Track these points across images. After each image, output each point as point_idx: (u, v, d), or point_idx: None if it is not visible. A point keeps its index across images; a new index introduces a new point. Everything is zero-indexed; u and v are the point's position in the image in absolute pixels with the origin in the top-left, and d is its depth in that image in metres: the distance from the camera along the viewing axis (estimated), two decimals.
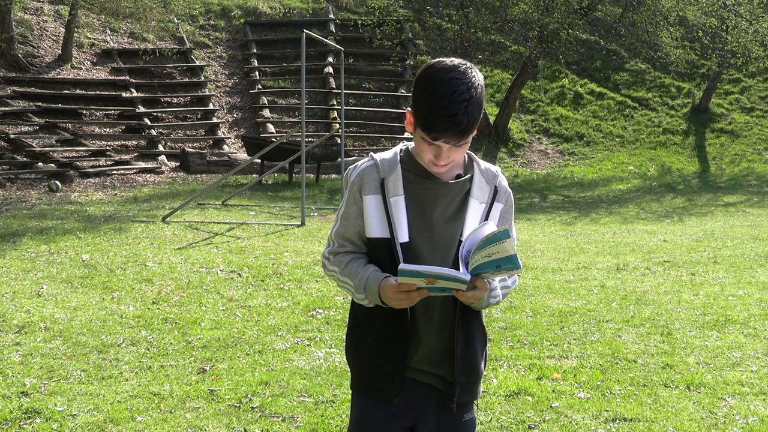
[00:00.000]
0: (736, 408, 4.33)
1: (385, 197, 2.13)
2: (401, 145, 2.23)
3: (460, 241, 2.13)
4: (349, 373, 4.73)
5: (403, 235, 2.12)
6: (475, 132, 2.08)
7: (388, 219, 2.12)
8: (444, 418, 2.22)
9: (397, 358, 2.16)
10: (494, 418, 4.17)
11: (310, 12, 23.33)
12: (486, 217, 2.19)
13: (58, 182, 14.34)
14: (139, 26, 20.53)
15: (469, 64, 2.07)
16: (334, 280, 2.24)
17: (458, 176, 2.18)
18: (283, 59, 21.88)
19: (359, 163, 2.21)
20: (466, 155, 2.22)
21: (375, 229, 2.14)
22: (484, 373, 2.33)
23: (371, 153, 2.24)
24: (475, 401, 2.30)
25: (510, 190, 2.29)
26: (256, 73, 20.87)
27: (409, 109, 2.12)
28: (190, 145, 18.37)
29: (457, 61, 2.07)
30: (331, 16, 23.06)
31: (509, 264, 1.98)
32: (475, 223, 2.16)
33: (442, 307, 2.16)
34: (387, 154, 2.19)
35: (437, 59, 2.09)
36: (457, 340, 2.17)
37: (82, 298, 6.54)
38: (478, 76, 2.05)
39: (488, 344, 2.40)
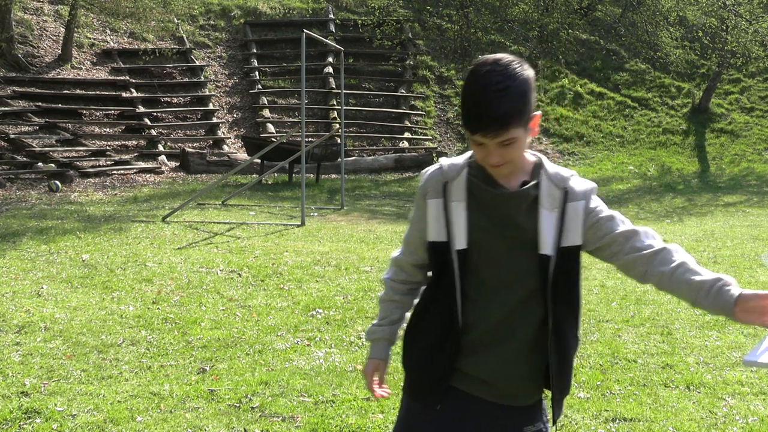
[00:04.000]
0: (736, 408, 4.33)
1: (447, 201, 2.07)
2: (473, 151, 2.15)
3: (543, 256, 2.03)
4: (349, 374, 4.75)
5: (460, 242, 2.05)
6: (523, 127, 1.95)
7: (447, 223, 2.07)
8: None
9: (442, 365, 2.11)
10: None
11: (310, 12, 23.32)
12: (561, 223, 2.04)
13: (58, 182, 14.34)
14: (139, 26, 20.52)
15: (515, 59, 1.96)
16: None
17: (524, 183, 2.06)
18: (283, 59, 21.87)
19: (429, 168, 2.15)
20: (534, 157, 2.10)
21: (434, 232, 2.09)
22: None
23: (441, 158, 2.18)
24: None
25: (591, 189, 2.08)
26: (256, 73, 20.86)
27: None
28: (190, 145, 18.37)
29: (501, 55, 1.97)
30: (331, 16, 23.04)
31: None
32: (550, 234, 2.03)
33: (522, 319, 2.06)
34: (456, 159, 2.12)
35: (483, 57, 2.01)
36: (551, 357, 2.08)
37: (82, 298, 6.54)
38: (522, 69, 1.94)
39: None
